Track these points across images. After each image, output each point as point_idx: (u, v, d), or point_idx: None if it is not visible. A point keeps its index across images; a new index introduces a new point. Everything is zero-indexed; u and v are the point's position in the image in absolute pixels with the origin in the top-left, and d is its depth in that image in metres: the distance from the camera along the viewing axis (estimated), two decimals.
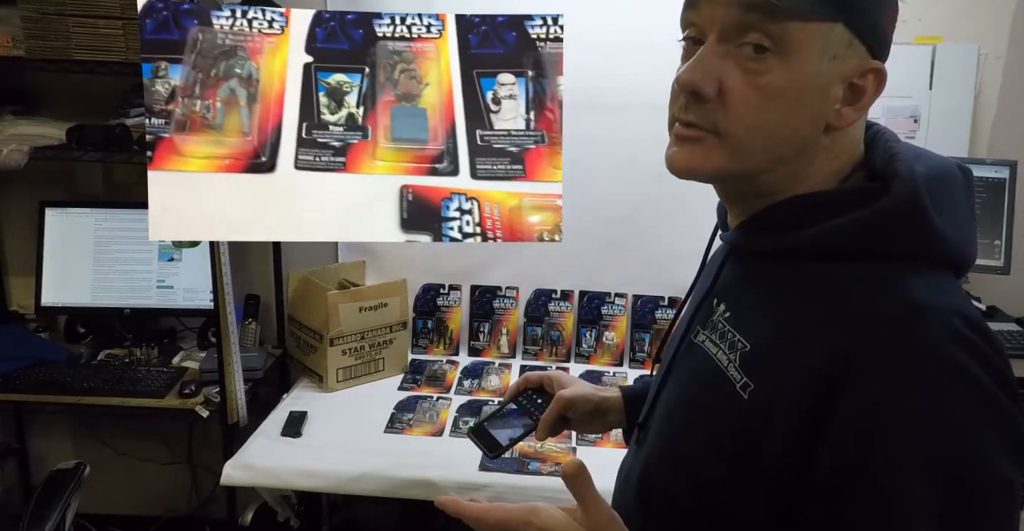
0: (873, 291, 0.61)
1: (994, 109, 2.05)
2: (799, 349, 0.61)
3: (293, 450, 1.66)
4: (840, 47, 0.63)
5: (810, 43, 0.62)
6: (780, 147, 0.65)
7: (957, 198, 0.67)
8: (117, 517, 2.38)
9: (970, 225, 0.67)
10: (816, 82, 0.63)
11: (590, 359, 2.15)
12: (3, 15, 1.82)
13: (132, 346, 2.09)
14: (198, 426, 2.24)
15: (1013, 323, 1.94)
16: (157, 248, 2.12)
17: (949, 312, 0.58)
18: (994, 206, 1.93)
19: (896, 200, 0.62)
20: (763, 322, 0.67)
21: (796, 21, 0.61)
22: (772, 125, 0.64)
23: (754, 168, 0.66)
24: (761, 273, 0.71)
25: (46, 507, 1.67)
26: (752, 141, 0.65)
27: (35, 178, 2.07)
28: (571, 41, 1.55)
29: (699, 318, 0.78)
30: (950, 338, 0.57)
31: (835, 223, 0.63)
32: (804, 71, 0.62)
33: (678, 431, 0.73)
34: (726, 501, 0.65)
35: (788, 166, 0.67)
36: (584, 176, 1.99)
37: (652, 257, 2.11)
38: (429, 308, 2.19)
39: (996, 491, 0.56)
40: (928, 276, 0.62)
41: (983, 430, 0.56)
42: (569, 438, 1.73)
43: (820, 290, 0.63)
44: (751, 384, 0.64)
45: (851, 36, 0.64)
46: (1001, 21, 2.02)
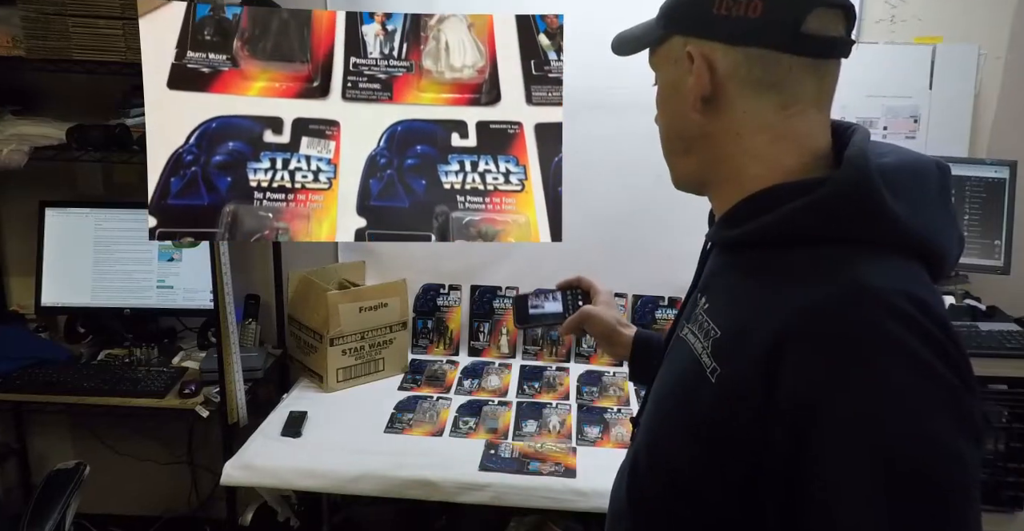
0: (819, 273, 0.63)
1: (994, 109, 2.05)
2: (754, 333, 0.63)
3: (293, 450, 1.66)
4: (678, 51, 0.75)
5: (661, 60, 0.79)
6: (672, 141, 0.80)
7: (927, 189, 0.69)
8: (117, 517, 2.38)
9: (941, 217, 0.69)
10: (667, 83, 0.78)
11: (590, 359, 2.15)
12: (3, 15, 1.82)
13: (132, 346, 2.09)
14: (198, 426, 2.24)
15: (1013, 323, 1.94)
16: (157, 248, 2.12)
17: (892, 291, 0.60)
18: (994, 206, 1.93)
19: (843, 181, 0.65)
20: (731, 309, 0.71)
21: (653, 54, 0.80)
22: (663, 125, 0.81)
23: (682, 167, 0.80)
24: (733, 263, 0.76)
25: (46, 507, 1.67)
26: (663, 141, 0.81)
27: (35, 178, 2.07)
28: (573, 40, 1.55)
29: (686, 313, 0.82)
30: (888, 313, 0.58)
31: (784, 209, 0.67)
32: (663, 81, 0.79)
33: (659, 422, 0.76)
34: (702, 490, 0.67)
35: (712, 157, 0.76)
36: (585, 176, 1.99)
37: (652, 257, 2.11)
38: (429, 308, 2.19)
39: (936, 463, 0.56)
40: (884, 261, 0.63)
41: (922, 403, 0.57)
42: (569, 438, 1.73)
43: (776, 275, 0.67)
44: (719, 368, 0.67)
45: (685, 39, 0.74)
46: (1001, 21, 2.02)
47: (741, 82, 0.71)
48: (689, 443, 0.68)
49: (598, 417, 1.82)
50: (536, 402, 1.91)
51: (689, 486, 0.68)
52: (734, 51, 0.70)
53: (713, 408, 0.66)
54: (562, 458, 1.63)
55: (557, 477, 1.57)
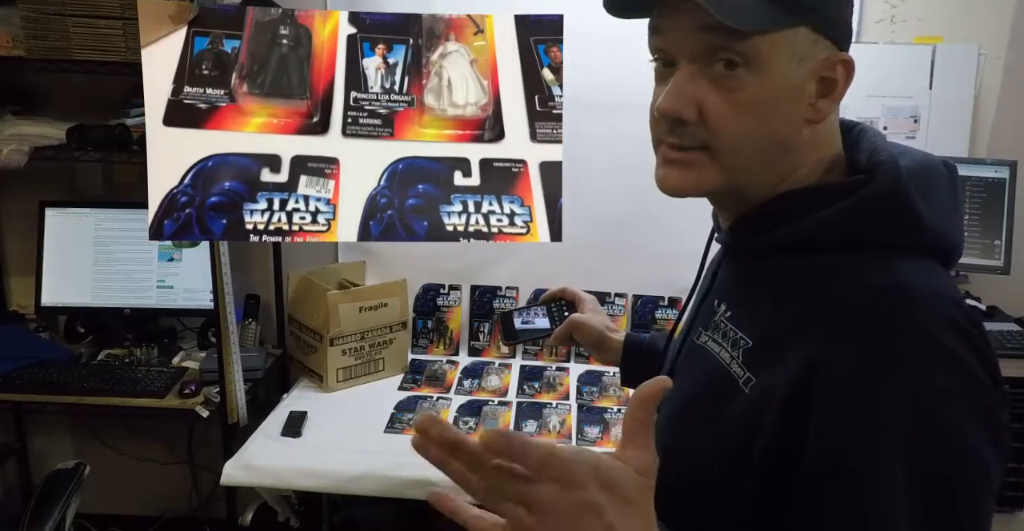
0: (860, 278, 0.62)
1: (994, 109, 2.05)
2: (792, 340, 0.62)
3: (293, 450, 1.66)
4: (806, 48, 0.65)
5: (778, 52, 0.64)
6: (767, 150, 0.68)
7: (941, 189, 0.68)
8: (117, 517, 2.38)
9: (955, 215, 0.69)
10: (788, 85, 0.66)
11: (590, 359, 2.14)
12: (3, 15, 1.82)
13: (132, 346, 2.09)
14: (198, 426, 2.24)
15: (1013, 323, 1.94)
16: (157, 248, 2.12)
17: (941, 296, 0.60)
18: (994, 206, 1.93)
19: (880, 187, 0.64)
20: (763, 318, 0.69)
21: (760, 35, 0.63)
22: (755, 133, 0.67)
23: (748, 176, 0.69)
24: (758, 271, 0.73)
25: (46, 507, 1.67)
26: (740, 151, 0.68)
27: (35, 178, 2.06)
28: (572, 40, 1.55)
29: (700, 320, 0.79)
30: (941, 320, 0.58)
31: (820, 215, 0.65)
32: (776, 78, 0.65)
33: (681, 432, 0.74)
34: (727, 499, 0.66)
35: (775, 166, 0.69)
36: (584, 176, 1.99)
37: (652, 257, 2.11)
38: (429, 308, 2.19)
39: (972, 470, 0.57)
40: (917, 263, 0.64)
41: (964, 412, 0.57)
42: (569, 438, 1.73)
43: (811, 282, 0.65)
44: (753, 379, 0.65)
45: (815, 35, 0.65)
46: (1001, 21, 2.02)
47: None
48: (714, 451, 0.67)
49: (598, 417, 1.82)
50: (536, 402, 1.91)
51: (709, 485, 0.68)
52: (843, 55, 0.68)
53: (744, 416, 0.65)
54: None
55: None
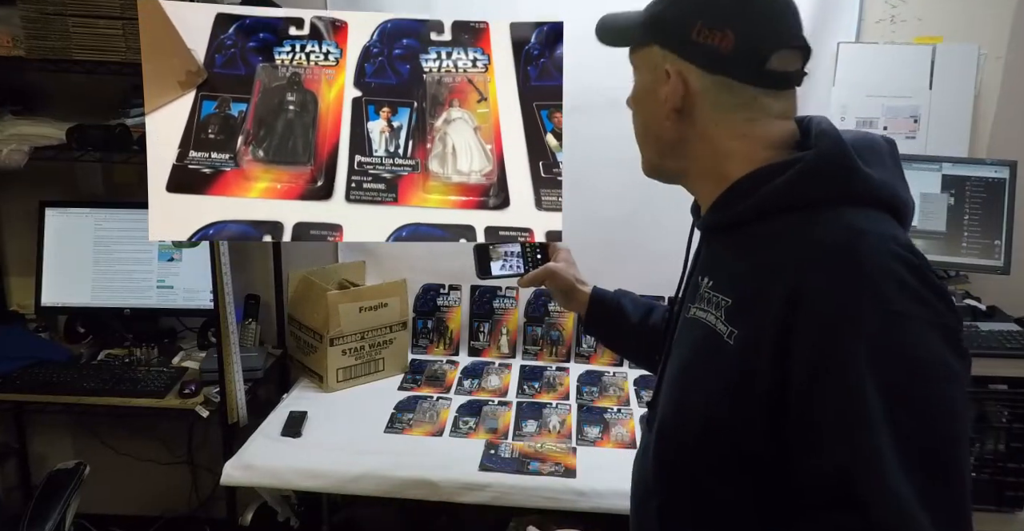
0: (816, 226, 0.72)
1: (994, 109, 2.05)
2: (766, 289, 0.72)
3: (293, 450, 1.66)
4: (657, 61, 0.84)
5: (641, 62, 0.88)
6: (651, 139, 0.89)
7: (881, 155, 0.79)
8: (117, 517, 2.38)
9: (898, 175, 0.79)
10: (646, 87, 0.87)
11: (590, 359, 2.15)
12: (3, 15, 1.82)
13: (132, 346, 2.09)
14: (198, 426, 2.24)
15: (1013, 323, 1.93)
16: (157, 248, 2.12)
17: (889, 236, 0.71)
18: (994, 206, 1.93)
19: (824, 150, 0.75)
20: (738, 279, 0.79)
21: (633, 53, 0.90)
22: (637, 124, 0.91)
23: (660, 160, 0.89)
24: (730, 243, 0.83)
25: (46, 507, 1.67)
26: (639, 138, 0.92)
27: (35, 178, 2.07)
28: (572, 40, 1.55)
29: (688, 296, 0.90)
30: (884, 251, 0.69)
31: (775, 183, 0.76)
32: (641, 82, 0.89)
33: (684, 392, 0.83)
34: (737, 441, 0.74)
35: (673, 154, 0.87)
36: (584, 176, 1.99)
37: (652, 257, 2.10)
38: (429, 308, 2.19)
39: (939, 371, 0.67)
40: (867, 212, 0.74)
41: (925, 328, 0.68)
42: (569, 438, 1.73)
43: (775, 239, 0.75)
44: (735, 331, 0.75)
45: (664, 51, 0.83)
46: (1001, 21, 2.02)
47: (712, 102, 0.81)
48: (715, 400, 0.75)
49: (598, 417, 1.82)
50: (536, 402, 1.91)
51: (717, 432, 0.75)
52: (706, 76, 0.80)
53: (735, 366, 0.73)
54: (562, 458, 1.63)
55: (557, 477, 1.57)
